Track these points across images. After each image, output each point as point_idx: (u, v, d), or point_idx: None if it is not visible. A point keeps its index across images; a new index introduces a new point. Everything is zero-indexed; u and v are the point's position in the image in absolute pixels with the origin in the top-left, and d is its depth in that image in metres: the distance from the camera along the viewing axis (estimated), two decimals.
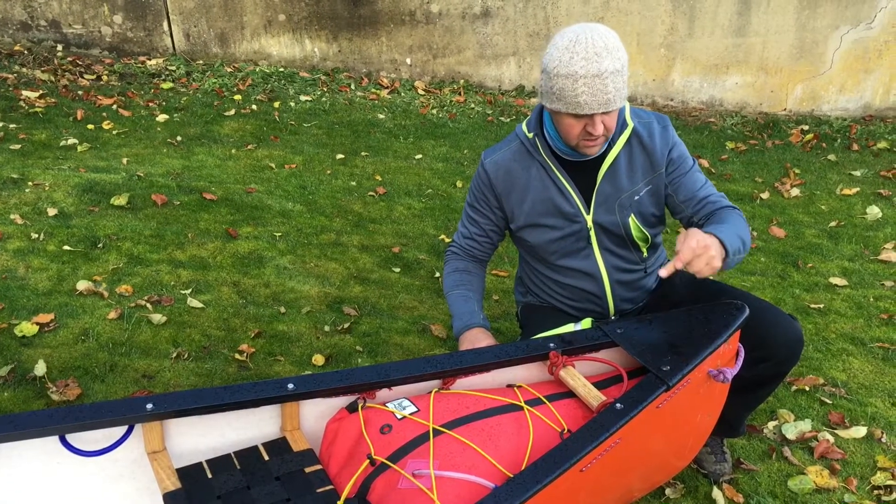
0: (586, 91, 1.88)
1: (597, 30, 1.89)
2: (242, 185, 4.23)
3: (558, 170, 2.15)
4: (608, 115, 1.96)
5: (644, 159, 2.17)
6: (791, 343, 2.11)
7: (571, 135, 2.02)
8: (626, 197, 2.17)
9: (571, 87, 1.88)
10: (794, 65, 6.23)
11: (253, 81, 6.11)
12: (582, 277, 2.28)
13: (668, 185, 2.22)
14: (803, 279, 3.83)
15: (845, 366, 3.12)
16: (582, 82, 1.87)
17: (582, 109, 1.91)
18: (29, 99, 5.18)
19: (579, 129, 1.98)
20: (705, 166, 5.27)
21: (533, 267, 2.38)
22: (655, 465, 2.09)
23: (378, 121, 5.66)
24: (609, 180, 2.15)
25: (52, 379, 2.56)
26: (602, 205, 2.17)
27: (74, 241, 3.42)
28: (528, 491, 1.57)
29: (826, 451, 2.63)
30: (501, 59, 6.51)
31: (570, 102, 1.91)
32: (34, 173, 4.01)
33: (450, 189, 4.55)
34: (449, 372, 1.95)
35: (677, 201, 2.22)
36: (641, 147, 2.16)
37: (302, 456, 1.83)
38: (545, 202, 2.18)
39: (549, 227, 2.20)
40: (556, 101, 1.95)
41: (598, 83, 1.87)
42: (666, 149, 2.17)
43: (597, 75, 1.86)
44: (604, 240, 2.23)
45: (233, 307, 3.10)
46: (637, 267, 2.31)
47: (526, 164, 2.19)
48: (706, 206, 2.18)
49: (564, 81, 1.89)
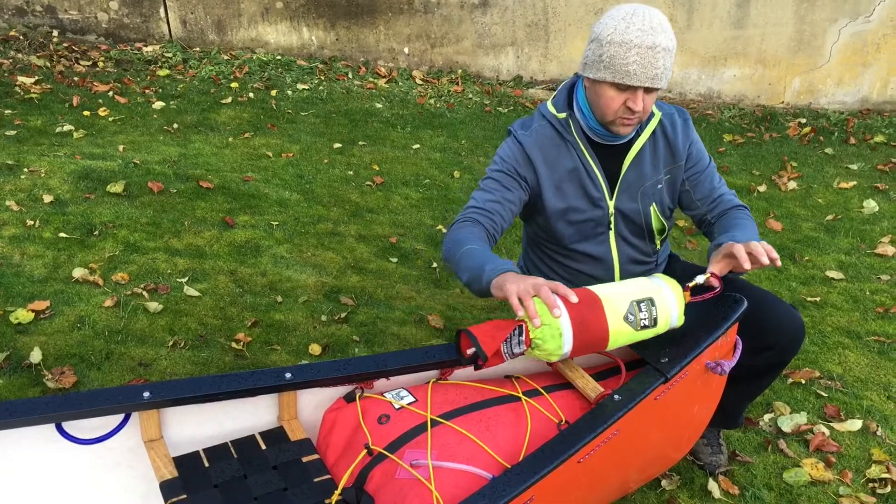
0: (638, 61, 1.87)
1: (653, 10, 1.92)
2: (239, 173, 4.21)
3: (588, 152, 2.12)
4: (649, 95, 1.95)
5: (666, 150, 2.17)
6: (792, 332, 2.12)
7: (610, 109, 1.98)
8: (649, 185, 2.17)
9: (623, 55, 1.87)
10: (792, 57, 6.23)
11: (250, 69, 6.08)
12: (593, 263, 2.25)
13: (686, 181, 2.23)
14: (800, 272, 3.84)
15: (841, 359, 3.13)
16: (635, 51, 1.86)
17: (630, 79, 1.89)
18: (24, 85, 5.15)
19: (619, 102, 1.95)
20: None
21: (542, 248, 2.33)
22: (652, 457, 2.09)
23: (375, 110, 5.64)
24: (635, 168, 2.14)
25: (47, 366, 2.55)
26: (626, 191, 2.16)
27: (70, 228, 3.40)
28: (525, 482, 1.57)
29: (821, 444, 2.64)
30: (499, 49, 6.49)
31: (619, 70, 1.89)
32: (30, 160, 3.99)
33: (447, 179, 4.54)
34: (447, 362, 1.95)
35: (694, 198, 2.24)
36: (665, 138, 2.16)
37: (299, 445, 1.83)
38: (573, 183, 2.14)
39: (574, 209, 2.16)
40: (604, 70, 1.92)
41: (650, 55, 1.87)
42: (687, 142, 2.19)
43: (651, 47, 1.86)
44: (622, 228, 2.21)
45: (229, 296, 3.09)
46: (649, 259, 2.31)
47: (556, 143, 2.13)
48: (720, 205, 2.22)
49: (617, 49, 1.88)
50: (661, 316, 1.86)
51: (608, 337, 1.79)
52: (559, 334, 1.72)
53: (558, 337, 1.72)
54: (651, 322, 1.85)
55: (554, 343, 1.73)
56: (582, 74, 2.05)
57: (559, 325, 1.72)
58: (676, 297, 1.89)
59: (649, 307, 1.85)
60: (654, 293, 1.87)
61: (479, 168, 4.76)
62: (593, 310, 1.78)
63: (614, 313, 1.80)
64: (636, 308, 1.83)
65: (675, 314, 1.89)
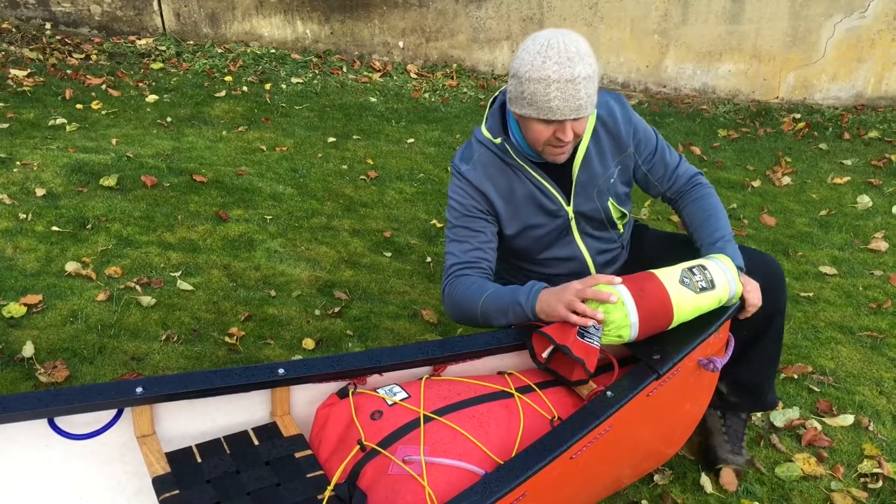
0: (559, 96, 1.85)
1: (569, 35, 1.87)
2: (233, 167, 4.20)
3: (534, 169, 2.11)
4: (578, 122, 1.93)
5: (611, 143, 2.17)
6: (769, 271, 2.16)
7: (539, 140, 1.97)
8: (602, 182, 2.17)
9: (544, 92, 1.85)
10: (786, 53, 6.23)
11: (244, 63, 6.05)
12: (565, 264, 2.26)
13: (642, 165, 2.24)
14: (793, 268, 3.85)
15: (833, 354, 3.14)
16: (555, 87, 1.84)
17: (554, 115, 1.87)
18: (17, 77, 5.12)
19: (548, 134, 1.94)
20: (697, 154, 5.27)
21: (513, 264, 2.33)
22: (645, 453, 2.10)
23: (370, 104, 5.63)
24: (584, 170, 2.14)
25: (40, 360, 2.54)
26: (581, 194, 2.16)
27: (63, 221, 3.39)
28: (518, 478, 1.57)
29: (813, 439, 2.65)
30: (494, 43, 6.47)
31: (541, 107, 1.87)
32: (22, 153, 3.97)
33: (442, 174, 4.53)
34: (440, 359, 1.95)
35: (652, 180, 2.28)
36: (606, 131, 2.15)
37: (292, 441, 1.82)
38: (528, 204, 2.14)
39: (534, 226, 2.17)
40: (527, 107, 1.90)
41: (570, 88, 1.84)
42: (630, 128, 2.18)
43: (570, 80, 1.83)
44: (584, 226, 2.22)
45: (223, 290, 3.08)
46: (615, 245, 2.33)
47: (501, 168, 2.11)
48: (678, 180, 2.28)
49: (536, 86, 1.85)
50: (718, 279, 1.91)
51: (671, 303, 1.84)
52: (622, 303, 1.80)
53: (622, 305, 1.80)
54: (709, 284, 1.89)
55: (620, 312, 1.80)
56: (508, 108, 2.03)
57: (619, 293, 1.81)
58: (728, 265, 1.95)
59: (702, 270, 1.91)
60: (702, 261, 1.94)
61: None
62: (647, 279, 1.86)
63: (669, 279, 1.86)
64: (689, 272, 1.89)
65: (731, 277, 1.93)
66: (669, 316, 1.86)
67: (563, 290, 1.82)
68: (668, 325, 1.89)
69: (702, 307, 1.91)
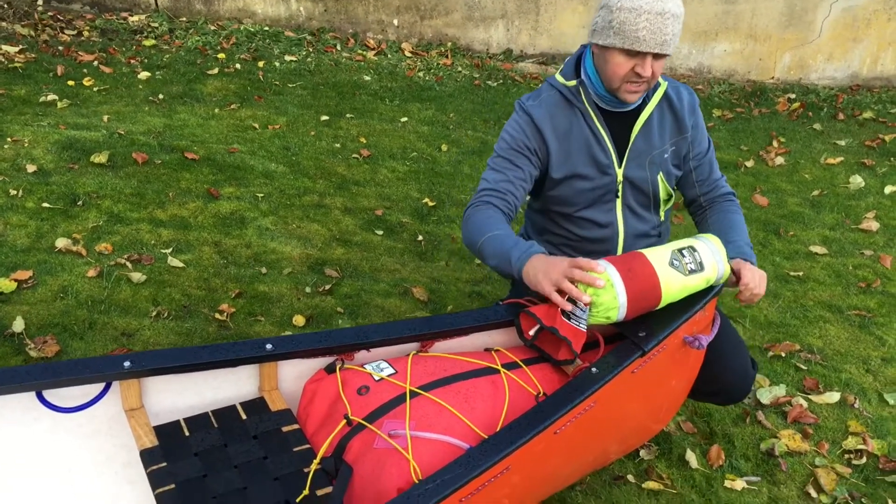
0: (647, 27, 1.89)
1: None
2: (225, 144, 4.19)
3: (598, 118, 2.12)
4: (657, 61, 1.96)
5: (672, 120, 2.19)
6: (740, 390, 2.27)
7: (618, 75, 1.99)
8: (657, 154, 2.18)
9: (633, 21, 1.89)
10: (782, 32, 6.21)
11: (237, 40, 6.02)
12: (598, 230, 2.24)
13: (692, 160, 2.26)
14: (784, 247, 3.86)
15: (822, 332, 3.16)
16: (645, 17, 1.88)
17: (640, 45, 1.91)
18: (8, 54, 5.08)
19: (628, 68, 1.97)
20: None
21: (547, 214, 2.30)
22: (631, 429, 2.11)
23: (364, 82, 5.60)
24: (643, 135, 2.15)
25: (30, 336, 2.55)
26: (634, 160, 2.16)
27: (54, 198, 3.38)
28: (501, 452, 1.59)
29: (799, 416, 2.68)
30: (490, 21, 6.44)
31: (628, 36, 1.91)
32: (13, 129, 3.95)
33: (435, 153, 4.53)
34: (428, 335, 1.96)
35: (694, 179, 2.29)
36: (670, 108, 2.18)
37: (280, 415, 1.84)
38: (582, 151, 2.14)
39: (583, 177, 2.16)
40: (614, 36, 1.93)
41: (659, 21, 1.89)
42: (692, 116, 2.22)
43: (660, 13, 1.88)
44: (629, 196, 2.21)
45: (213, 267, 3.09)
46: (652, 231, 2.31)
47: (566, 111, 2.13)
48: (714, 190, 2.32)
49: (627, 15, 1.89)
50: (707, 260, 1.92)
51: (659, 284, 1.84)
52: (611, 284, 1.79)
53: (611, 287, 1.79)
54: (698, 266, 1.90)
55: (609, 294, 1.79)
56: (590, 41, 2.06)
57: (608, 275, 1.79)
58: (717, 246, 1.95)
59: (692, 252, 1.91)
60: (692, 242, 1.94)
61: (466, 141, 4.75)
62: (636, 259, 1.85)
63: (659, 261, 1.86)
64: (679, 254, 1.90)
65: (720, 258, 1.94)
66: (658, 297, 1.87)
67: (553, 265, 1.80)
68: (657, 306, 1.90)
69: (689, 288, 1.92)
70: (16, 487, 1.71)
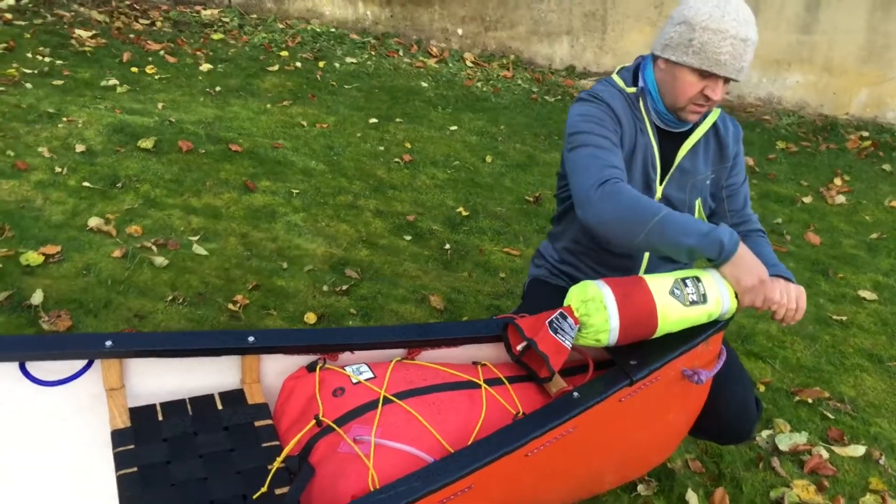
0: (730, 51, 1.84)
1: (742, 1, 1.90)
2: (271, 139, 4.24)
3: (653, 131, 2.06)
4: (726, 85, 1.92)
5: (716, 148, 2.13)
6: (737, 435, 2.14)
7: (686, 94, 1.93)
8: (699, 179, 2.12)
9: (717, 43, 1.84)
10: (860, 67, 5.95)
11: (302, 39, 6.11)
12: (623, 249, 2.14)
13: (726, 189, 2.19)
14: (830, 289, 3.68)
15: (857, 382, 2.99)
16: (729, 42, 1.84)
17: (719, 68, 1.86)
18: (81, 38, 5.28)
19: (698, 89, 1.91)
20: (749, 164, 5.10)
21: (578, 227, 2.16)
22: (624, 459, 2.03)
23: (420, 89, 5.61)
24: (690, 158, 2.09)
25: (46, 309, 2.61)
26: (676, 181, 2.09)
27: (95, 178, 3.48)
28: (464, 468, 1.53)
29: (817, 466, 2.53)
30: (554, 37, 6.38)
31: (709, 58, 1.85)
32: (70, 110, 4.09)
33: (478, 163, 4.49)
34: (415, 342, 1.92)
35: (727, 209, 2.21)
36: (717, 135, 2.12)
37: (256, 409, 1.82)
38: (639, 160, 2.06)
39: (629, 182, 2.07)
40: (693, 55, 1.87)
41: (741, 47, 1.85)
42: (735, 147, 2.15)
43: (744, 40, 1.85)
44: None
45: (236, 258, 3.12)
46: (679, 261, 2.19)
47: (628, 116, 2.04)
48: (744, 224, 2.22)
49: (712, 36, 1.84)
50: (711, 294, 1.81)
51: (656, 312, 1.75)
52: (604, 307, 1.72)
53: (603, 310, 1.72)
54: (700, 298, 1.79)
55: (600, 317, 1.72)
56: (659, 55, 1.97)
57: (602, 296, 1.72)
58: (724, 279, 1.84)
59: (696, 283, 1.81)
60: (698, 273, 1.84)
61: (513, 154, 4.69)
62: (635, 283, 1.77)
63: (659, 288, 1.77)
64: (681, 284, 1.80)
65: (726, 294, 1.82)
66: (653, 325, 1.78)
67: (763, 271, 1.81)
68: (652, 335, 1.81)
69: (689, 320, 1.82)
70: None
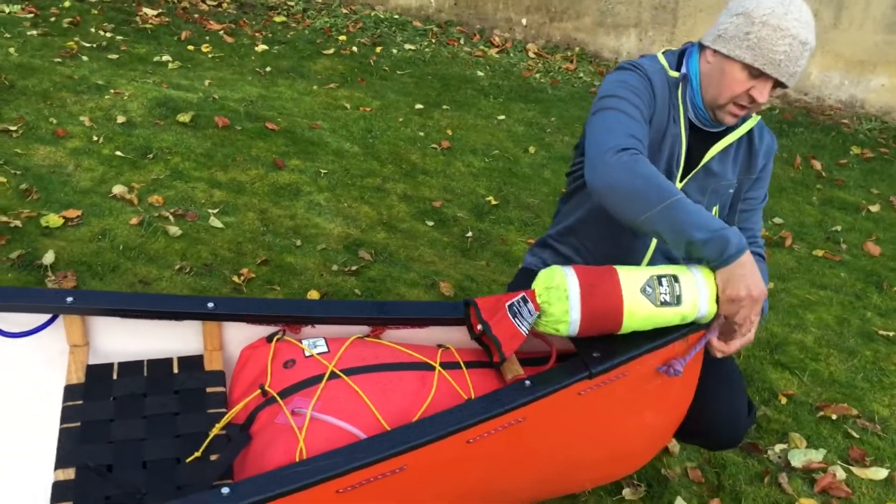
0: (787, 52, 1.72)
1: (805, 4, 1.77)
2: (310, 120, 4.26)
3: (685, 124, 1.91)
4: (774, 90, 1.80)
5: (746, 157, 1.99)
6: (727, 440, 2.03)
7: (731, 91, 1.79)
8: (722, 185, 1.97)
9: (775, 42, 1.71)
10: None
11: (364, 25, 6.13)
12: (629, 240, 2.02)
13: (743, 201, 2.05)
14: (882, 302, 3.43)
15: (892, 401, 2.77)
16: (788, 41, 1.71)
17: (772, 68, 1.73)
18: (145, 16, 5.43)
19: (745, 88, 1.77)
20: (816, 168, 4.82)
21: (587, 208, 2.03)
22: (594, 458, 1.92)
23: (474, 77, 5.53)
24: (718, 161, 1.94)
25: (55, 269, 2.67)
26: (698, 181, 1.94)
27: (129, 148, 3.55)
28: (393, 448, 1.47)
29: (829, 486, 2.35)
30: (622, 29, 6.19)
31: (764, 55, 1.72)
32: (119, 83, 4.20)
33: (519, 153, 4.39)
34: (377, 319, 1.86)
35: (737, 222, 2.07)
36: (749, 144, 1.98)
37: (210, 376, 1.80)
38: (665, 150, 1.91)
39: None
40: (747, 50, 1.74)
41: (798, 50, 1.73)
42: (764, 162, 2.01)
43: (803, 42, 1.72)
44: None
45: (251, 232, 3.13)
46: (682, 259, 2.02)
47: (665, 97, 1.89)
48: (751, 245, 2.06)
49: (771, 33, 1.71)
50: (687, 296, 1.65)
51: (622, 308, 1.62)
52: (566, 297, 1.61)
53: (564, 300, 1.61)
54: (673, 299, 1.64)
55: (560, 307, 1.61)
56: (709, 46, 1.82)
57: (567, 286, 1.61)
58: (707, 281, 1.67)
59: (672, 283, 1.65)
60: (678, 271, 1.68)
61: (558, 147, 4.57)
62: (606, 275, 1.64)
63: (630, 283, 1.63)
64: (655, 282, 1.65)
65: (704, 298, 1.66)
66: (618, 322, 1.64)
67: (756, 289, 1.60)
68: (617, 330, 1.68)
69: (657, 320, 1.66)
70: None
